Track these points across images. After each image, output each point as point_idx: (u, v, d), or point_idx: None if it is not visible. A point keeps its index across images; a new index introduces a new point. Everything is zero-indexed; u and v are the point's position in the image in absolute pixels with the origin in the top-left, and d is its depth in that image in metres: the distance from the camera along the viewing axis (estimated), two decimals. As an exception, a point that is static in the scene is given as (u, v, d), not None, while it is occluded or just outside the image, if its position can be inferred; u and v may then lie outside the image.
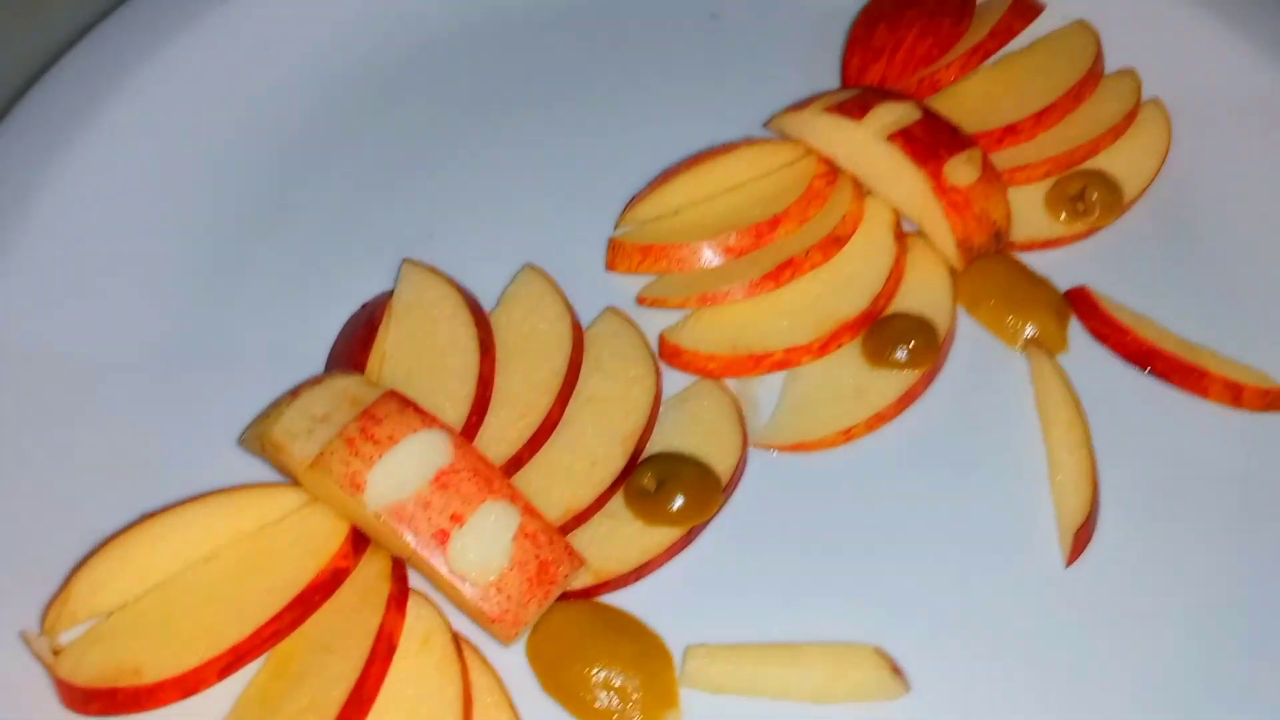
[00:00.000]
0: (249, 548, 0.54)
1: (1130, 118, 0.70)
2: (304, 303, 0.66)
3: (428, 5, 0.77)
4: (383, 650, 0.52)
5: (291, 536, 0.55)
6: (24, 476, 0.59)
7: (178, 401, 0.63)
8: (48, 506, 0.58)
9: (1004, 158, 0.68)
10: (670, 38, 0.78)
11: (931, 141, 0.65)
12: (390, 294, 0.64)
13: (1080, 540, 0.58)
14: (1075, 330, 0.66)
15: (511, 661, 0.55)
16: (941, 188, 0.64)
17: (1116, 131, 0.69)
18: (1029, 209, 0.69)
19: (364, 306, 0.65)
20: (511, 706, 0.53)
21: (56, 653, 0.52)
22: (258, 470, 0.59)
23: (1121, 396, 0.64)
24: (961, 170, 0.65)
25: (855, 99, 0.67)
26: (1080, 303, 0.66)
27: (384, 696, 0.51)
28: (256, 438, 0.57)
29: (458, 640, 0.54)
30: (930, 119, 0.66)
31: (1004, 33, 0.70)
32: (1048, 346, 0.65)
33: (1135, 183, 0.70)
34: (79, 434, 0.61)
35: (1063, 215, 0.68)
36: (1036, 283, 0.67)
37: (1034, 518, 0.60)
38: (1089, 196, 0.68)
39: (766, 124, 0.72)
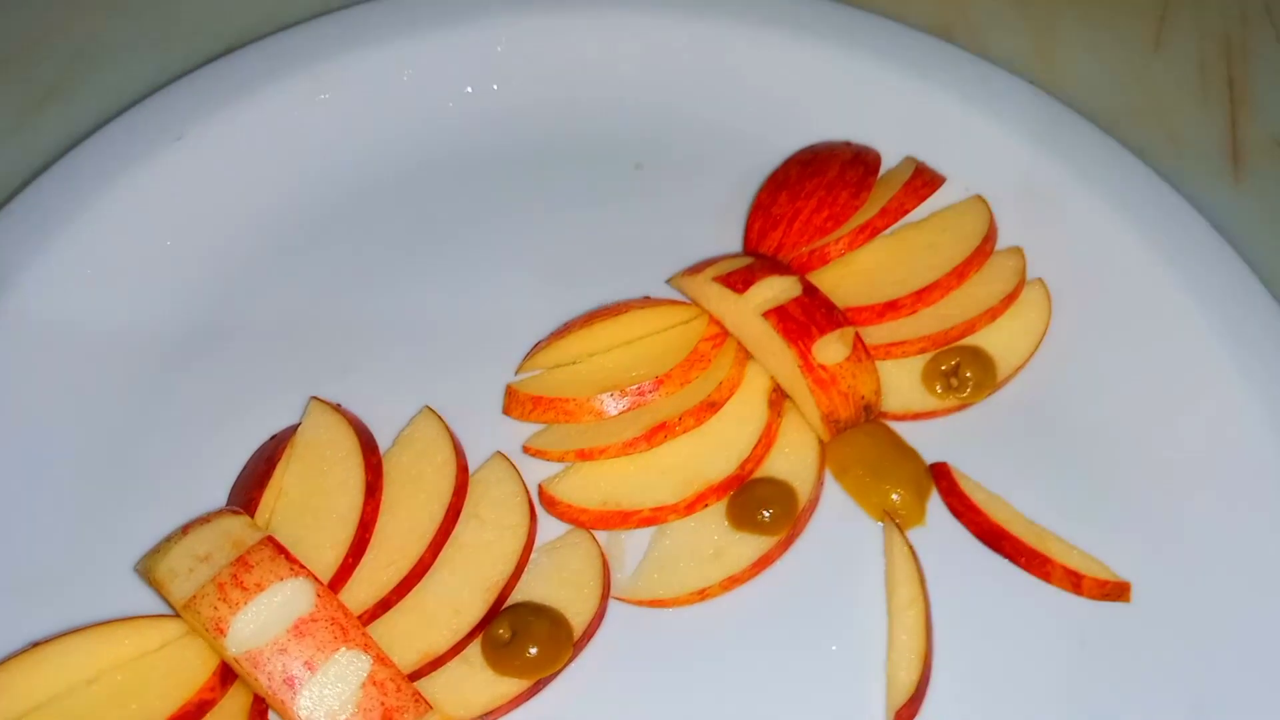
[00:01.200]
0: (126, 675, 0.59)
1: (1009, 300, 0.73)
2: (218, 433, 0.71)
3: (347, 153, 0.82)
4: (231, 784, 0.56)
5: (166, 666, 0.60)
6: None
7: (85, 525, 0.68)
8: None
9: (882, 332, 0.71)
10: (592, 186, 0.82)
11: (805, 320, 0.69)
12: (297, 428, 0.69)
13: (902, 719, 0.62)
14: (937, 503, 0.69)
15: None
16: (809, 365, 0.68)
17: (993, 314, 0.72)
18: (905, 379, 0.72)
19: (271, 438, 0.70)
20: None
21: (-67, 773, 0.57)
22: (153, 596, 0.64)
23: (971, 573, 0.67)
24: (830, 349, 0.68)
25: (741, 271, 0.71)
26: (941, 478, 0.69)
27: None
28: (146, 571, 0.62)
29: (305, 777, 0.59)
30: (808, 296, 0.70)
31: (895, 211, 0.73)
32: (905, 519, 0.68)
33: (1010, 361, 0.73)
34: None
35: (937, 388, 0.72)
36: (904, 455, 0.70)
37: (867, 692, 0.63)
38: (963, 373, 0.71)
39: (668, 281, 0.76)
